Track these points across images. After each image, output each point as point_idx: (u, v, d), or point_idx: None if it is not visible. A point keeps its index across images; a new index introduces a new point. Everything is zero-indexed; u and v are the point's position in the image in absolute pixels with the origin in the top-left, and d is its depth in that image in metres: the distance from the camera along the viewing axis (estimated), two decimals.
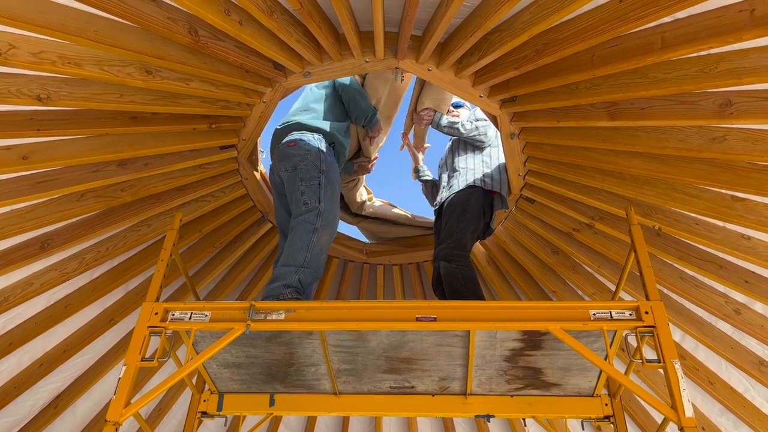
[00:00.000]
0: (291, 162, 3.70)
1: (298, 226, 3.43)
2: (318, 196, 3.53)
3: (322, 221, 3.44)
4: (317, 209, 3.47)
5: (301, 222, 3.43)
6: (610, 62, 3.03)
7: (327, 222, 3.47)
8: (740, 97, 2.94)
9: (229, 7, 2.93)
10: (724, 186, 3.35)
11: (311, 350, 3.29)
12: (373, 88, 4.44)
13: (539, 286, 4.96)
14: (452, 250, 4.00)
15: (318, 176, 3.62)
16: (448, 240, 4.09)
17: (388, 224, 5.34)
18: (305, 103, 4.22)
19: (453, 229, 4.14)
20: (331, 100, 4.25)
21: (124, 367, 2.76)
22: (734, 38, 2.54)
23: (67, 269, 3.99)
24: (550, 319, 2.80)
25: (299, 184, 3.57)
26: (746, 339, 4.06)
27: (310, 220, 3.43)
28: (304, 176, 3.60)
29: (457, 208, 4.24)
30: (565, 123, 3.62)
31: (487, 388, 3.51)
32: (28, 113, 3.21)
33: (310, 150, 3.75)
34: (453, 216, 4.21)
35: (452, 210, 4.26)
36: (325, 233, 3.43)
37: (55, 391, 4.39)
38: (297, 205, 3.53)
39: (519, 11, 3.03)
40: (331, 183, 3.68)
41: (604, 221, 4.14)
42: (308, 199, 3.50)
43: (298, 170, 3.63)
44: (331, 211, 3.55)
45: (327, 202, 3.55)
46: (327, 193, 3.60)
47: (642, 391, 2.71)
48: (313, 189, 3.55)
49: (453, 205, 4.28)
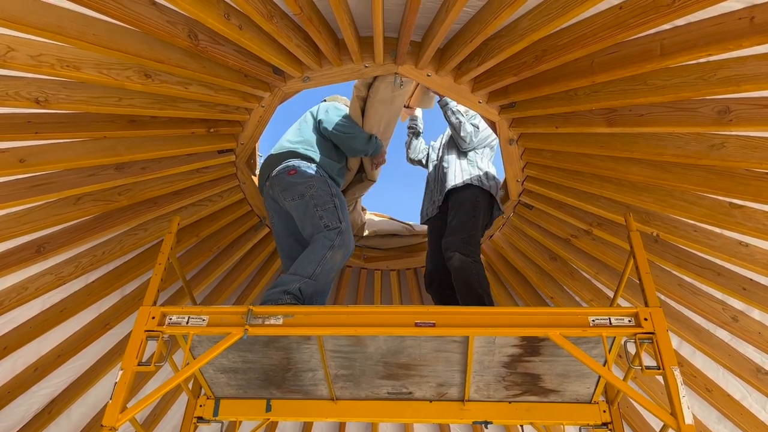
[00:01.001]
0: (296, 190, 3.69)
1: (317, 241, 3.45)
2: (338, 217, 3.57)
3: (341, 240, 3.47)
4: (339, 228, 3.51)
5: (322, 238, 3.46)
6: (610, 69, 3.03)
7: (344, 242, 3.49)
8: (739, 105, 2.95)
9: (229, 11, 2.93)
10: (723, 193, 3.36)
11: (309, 355, 3.28)
12: (378, 115, 4.28)
13: (537, 292, 4.95)
14: (467, 245, 3.93)
15: (332, 199, 3.66)
16: (461, 233, 4.02)
17: (386, 238, 5.32)
18: (302, 135, 4.17)
19: (465, 223, 4.08)
20: (322, 139, 4.19)
21: (121, 372, 2.73)
22: (734, 45, 2.55)
23: (62, 273, 3.97)
24: (550, 325, 2.79)
25: (315, 210, 3.57)
26: (744, 346, 4.06)
27: (330, 237, 3.46)
28: (317, 202, 3.61)
29: (466, 203, 4.19)
30: (563, 129, 3.63)
31: (485, 394, 3.50)
32: (26, 116, 3.20)
33: (313, 176, 3.77)
34: (462, 210, 4.15)
35: (461, 204, 4.20)
36: (340, 252, 3.44)
37: (50, 395, 4.36)
38: (316, 228, 3.54)
39: (518, 18, 3.04)
40: (344, 204, 3.73)
41: (603, 227, 4.15)
42: (329, 222, 3.53)
43: (307, 197, 3.63)
44: (349, 233, 3.58)
45: (346, 222, 3.60)
46: (345, 214, 3.65)
47: (641, 397, 2.71)
48: (330, 212, 3.58)
49: (462, 200, 4.23)
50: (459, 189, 4.30)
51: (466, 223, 4.08)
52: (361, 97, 4.20)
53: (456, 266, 3.83)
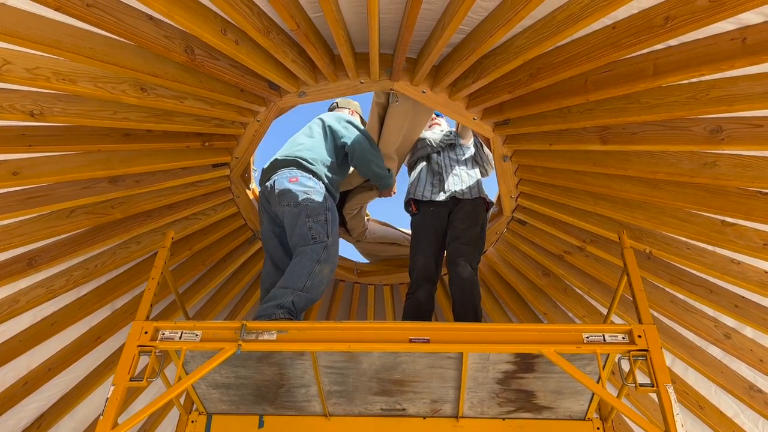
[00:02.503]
0: (293, 198, 3.69)
1: (304, 254, 3.43)
2: (326, 231, 3.56)
3: (327, 254, 3.46)
4: (325, 243, 3.49)
5: (309, 250, 3.45)
6: (603, 87, 3.07)
7: (329, 257, 3.49)
8: (731, 124, 2.98)
9: (226, 26, 2.94)
10: (715, 211, 3.38)
11: (302, 371, 3.26)
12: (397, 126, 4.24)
13: (530, 308, 4.95)
14: (475, 260, 3.96)
15: (324, 213, 3.64)
16: (474, 245, 4.04)
17: (386, 245, 5.30)
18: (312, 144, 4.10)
19: (479, 237, 4.11)
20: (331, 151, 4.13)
21: (113, 387, 2.70)
22: (726, 66, 2.58)
23: (54, 286, 3.94)
24: (544, 341, 2.79)
25: (306, 220, 3.57)
26: (736, 363, 4.07)
27: (317, 250, 3.44)
28: (310, 213, 3.60)
29: (479, 216, 4.21)
30: (557, 146, 3.65)
31: (479, 410, 3.48)
32: (20, 129, 3.19)
33: (313, 187, 3.76)
34: (470, 220, 4.15)
35: (476, 216, 4.19)
36: (327, 266, 3.45)
37: (39, 410, 4.31)
38: (303, 238, 3.53)
39: (513, 36, 3.07)
40: (335, 220, 3.73)
41: (596, 244, 4.16)
42: (316, 234, 3.52)
43: (302, 206, 3.63)
44: (334, 248, 3.59)
45: (333, 237, 3.60)
46: (334, 229, 3.64)
47: (635, 415, 2.70)
48: (320, 224, 3.57)
49: (476, 212, 4.22)
50: (469, 199, 4.30)
51: (480, 238, 4.13)
52: (380, 103, 4.18)
53: (464, 276, 3.82)
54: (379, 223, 5.40)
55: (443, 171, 4.49)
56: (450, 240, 4.09)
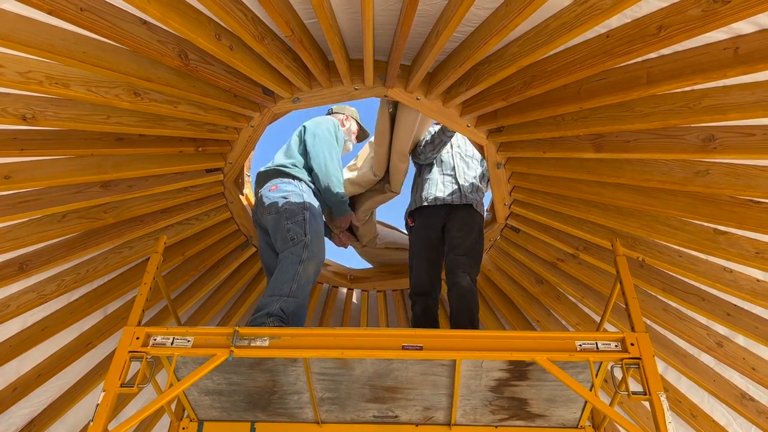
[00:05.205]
0: (274, 205, 3.73)
1: (285, 259, 3.46)
2: (304, 230, 3.56)
3: (309, 253, 3.47)
4: (303, 242, 3.50)
5: (288, 255, 3.47)
6: (597, 95, 3.07)
7: (313, 254, 3.50)
8: (723, 133, 2.99)
9: (220, 31, 2.94)
10: (707, 219, 3.40)
11: (294, 378, 3.24)
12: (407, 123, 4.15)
13: (523, 316, 4.95)
14: (473, 272, 3.96)
15: (302, 212, 3.66)
16: (473, 256, 4.04)
17: (392, 250, 5.25)
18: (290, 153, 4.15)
19: (472, 244, 4.10)
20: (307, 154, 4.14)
21: (103, 393, 2.68)
22: (719, 75, 2.59)
23: (45, 291, 3.91)
24: (537, 349, 2.78)
25: (285, 223, 3.60)
26: (728, 372, 4.08)
27: (296, 252, 3.46)
28: (289, 215, 3.64)
29: (477, 226, 4.22)
30: (551, 154, 3.66)
31: (472, 418, 3.47)
32: (12, 132, 3.18)
33: (292, 191, 3.80)
34: (467, 227, 4.15)
35: (463, 221, 4.19)
36: (311, 264, 3.46)
37: (29, 416, 4.28)
38: (284, 242, 3.55)
39: (508, 44, 3.07)
40: (314, 217, 3.72)
41: (589, 251, 4.17)
42: (294, 234, 3.54)
43: (282, 210, 3.67)
44: (316, 243, 3.59)
45: (313, 234, 3.59)
46: (312, 226, 3.63)
47: (627, 423, 2.70)
48: (298, 224, 3.59)
49: (478, 223, 4.24)
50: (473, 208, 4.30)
51: (478, 243, 4.15)
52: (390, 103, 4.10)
53: (463, 286, 3.84)
54: (385, 226, 5.37)
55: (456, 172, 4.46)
56: (448, 250, 4.11)
